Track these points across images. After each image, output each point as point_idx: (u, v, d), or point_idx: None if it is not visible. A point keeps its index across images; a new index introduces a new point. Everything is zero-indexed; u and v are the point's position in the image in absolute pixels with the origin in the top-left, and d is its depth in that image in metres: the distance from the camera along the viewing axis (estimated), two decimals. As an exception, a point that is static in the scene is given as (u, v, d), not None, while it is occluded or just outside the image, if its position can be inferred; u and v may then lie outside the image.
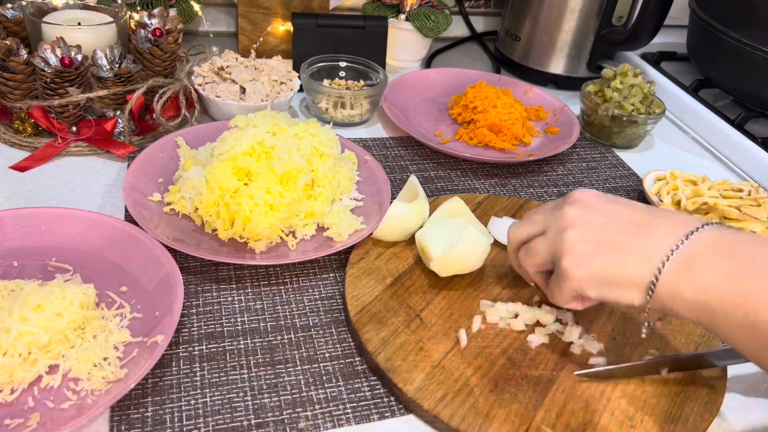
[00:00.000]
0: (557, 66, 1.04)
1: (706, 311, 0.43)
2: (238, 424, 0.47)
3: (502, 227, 0.66)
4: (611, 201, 0.49)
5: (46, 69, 0.68)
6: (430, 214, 0.65)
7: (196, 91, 0.79)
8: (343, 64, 0.91)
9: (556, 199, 0.53)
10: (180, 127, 0.76)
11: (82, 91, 0.71)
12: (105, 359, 0.48)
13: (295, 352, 0.53)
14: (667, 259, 0.44)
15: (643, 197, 0.81)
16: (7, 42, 0.69)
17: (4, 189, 0.66)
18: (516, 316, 0.57)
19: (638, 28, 0.94)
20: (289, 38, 0.95)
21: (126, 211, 0.65)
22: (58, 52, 0.69)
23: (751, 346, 0.42)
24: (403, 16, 1.01)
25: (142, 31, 0.77)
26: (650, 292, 0.45)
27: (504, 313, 0.57)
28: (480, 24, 1.22)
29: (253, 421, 0.47)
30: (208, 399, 0.49)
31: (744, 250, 0.44)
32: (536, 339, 0.55)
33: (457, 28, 1.20)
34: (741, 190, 0.75)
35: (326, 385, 0.51)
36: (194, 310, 0.56)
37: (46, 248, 0.58)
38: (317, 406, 0.49)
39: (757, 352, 0.43)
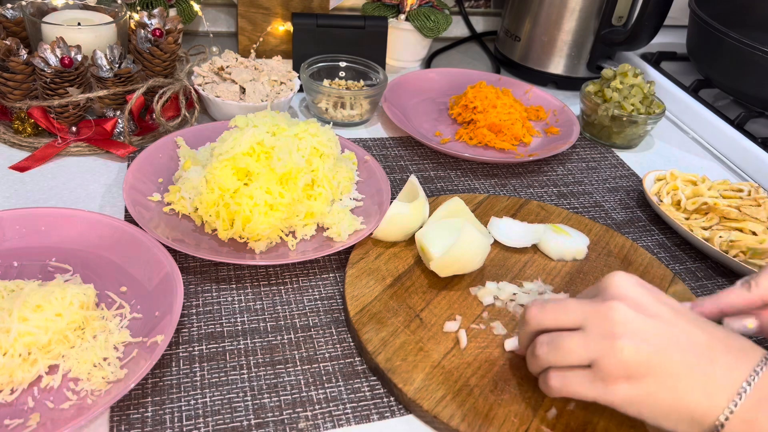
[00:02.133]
0: (557, 66, 1.04)
1: None
2: (238, 424, 0.47)
3: (502, 227, 0.66)
4: (660, 301, 0.44)
5: (46, 69, 0.68)
6: (430, 214, 0.65)
7: (196, 91, 0.79)
8: (343, 64, 0.91)
9: (590, 288, 0.47)
10: (180, 127, 0.76)
11: (82, 92, 0.71)
12: (105, 359, 0.48)
13: (295, 352, 0.53)
14: (736, 403, 0.40)
15: (643, 197, 0.81)
16: (7, 42, 0.69)
17: (4, 189, 0.66)
18: (514, 295, 0.59)
19: (638, 28, 0.94)
20: (289, 38, 0.96)
21: (126, 211, 0.65)
22: (58, 52, 0.69)
23: None
24: (403, 16, 1.01)
25: (142, 31, 0.77)
26: None
27: (495, 291, 0.59)
28: (480, 24, 1.23)
29: (253, 421, 0.47)
30: (208, 399, 0.49)
31: None
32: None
33: (457, 28, 1.20)
34: (741, 190, 0.75)
35: (326, 385, 0.51)
36: (194, 310, 0.56)
37: (45, 248, 0.58)
38: (317, 406, 0.49)
39: None
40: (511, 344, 0.53)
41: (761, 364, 0.41)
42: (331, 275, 0.62)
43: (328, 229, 0.63)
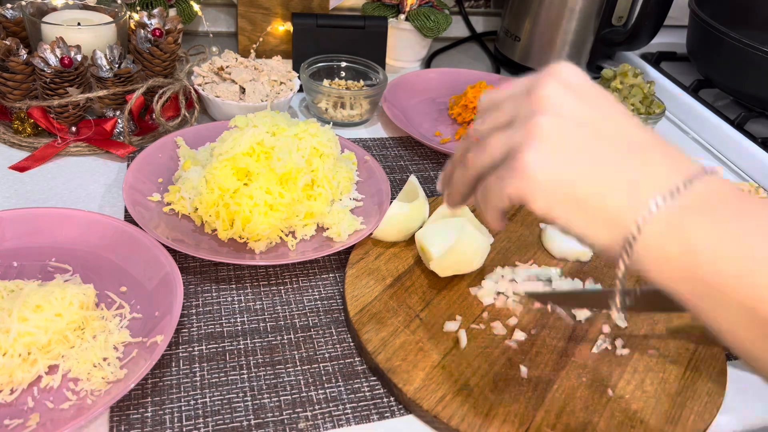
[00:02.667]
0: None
1: (691, 279, 0.33)
2: (238, 424, 0.47)
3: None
4: (603, 92, 0.37)
5: (45, 69, 0.68)
6: (430, 214, 0.64)
7: (196, 91, 0.79)
8: (342, 64, 0.91)
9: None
10: (180, 127, 0.76)
11: (82, 92, 0.71)
12: (105, 359, 0.48)
13: (295, 352, 0.53)
14: (656, 205, 0.33)
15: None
16: (7, 42, 0.69)
17: (4, 189, 0.66)
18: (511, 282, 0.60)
19: (638, 28, 0.94)
20: (289, 38, 0.95)
21: (126, 211, 0.65)
22: (58, 52, 0.69)
23: (743, 333, 0.33)
24: (402, 16, 1.01)
25: (142, 31, 0.77)
26: (631, 239, 0.34)
27: (493, 286, 0.59)
28: (480, 24, 1.22)
29: (252, 422, 0.47)
30: (207, 399, 0.48)
31: (757, 214, 0.33)
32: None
33: (457, 28, 1.20)
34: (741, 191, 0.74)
35: (326, 386, 0.51)
36: (194, 311, 0.56)
37: (45, 248, 0.58)
38: (317, 407, 0.49)
39: (750, 341, 0.33)
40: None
41: (700, 174, 0.34)
42: (331, 275, 0.62)
43: (328, 229, 0.63)
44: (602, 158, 0.34)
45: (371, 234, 0.63)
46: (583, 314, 0.57)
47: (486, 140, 0.38)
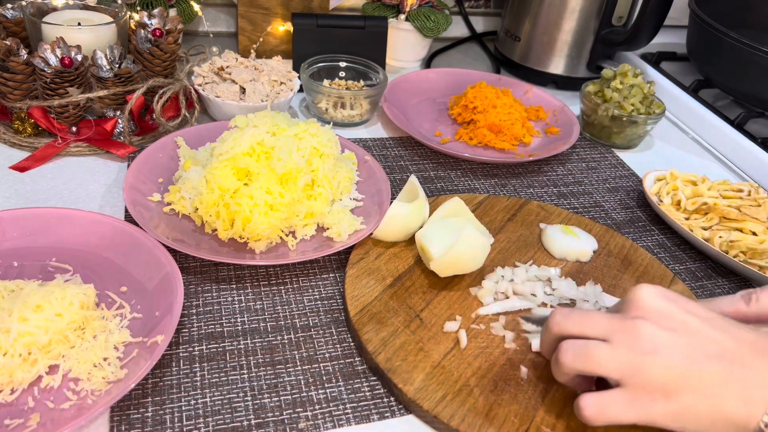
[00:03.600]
0: (557, 66, 1.04)
1: None
2: (238, 424, 0.47)
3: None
4: (685, 309, 0.44)
5: (46, 69, 0.68)
6: (430, 214, 0.65)
7: (196, 91, 0.79)
8: (343, 64, 0.91)
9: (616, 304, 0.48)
10: (180, 128, 0.76)
11: (82, 92, 0.71)
12: (105, 359, 0.48)
13: (295, 352, 0.53)
14: None
15: (643, 197, 0.81)
16: (7, 42, 0.69)
17: (4, 189, 0.66)
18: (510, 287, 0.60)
19: (638, 29, 0.94)
20: (289, 38, 0.96)
21: (126, 211, 0.65)
22: (58, 52, 0.69)
23: None
24: (403, 17, 1.01)
25: (142, 31, 0.77)
26: None
27: (493, 286, 0.60)
28: (480, 24, 1.23)
29: (253, 422, 0.47)
30: (208, 399, 0.49)
31: None
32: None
33: (457, 29, 1.20)
34: (741, 191, 0.75)
35: (326, 385, 0.51)
36: (194, 311, 0.56)
37: (46, 248, 0.58)
38: (317, 406, 0.49)
39: None
40: (536, 344, 0.53)
41: None
42: (331, 275, 0.62)
43: (328, 229, 0.63)
44: (710, 377, 0.41)
45: (371, 234, 0.63)
46: None
47: (589, 350, 0.44)
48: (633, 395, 0.42)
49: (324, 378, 0.51)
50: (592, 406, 0.44)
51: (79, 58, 0.70)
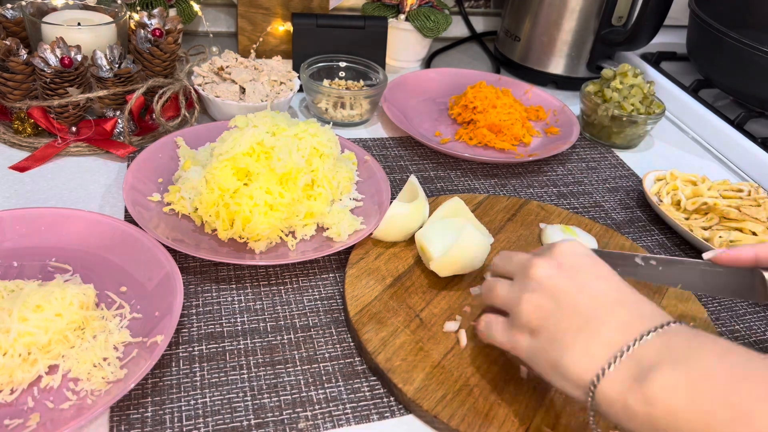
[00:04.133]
0: (557, 66, 1.04)
1: (656, 428, 0.37)
2: (238, 424, 0.47)
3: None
4: (586, 265, 0.45)
5: (45, 69, 0.68)
6: (430, 214, 0.65)
7: (196, 91, 0.79)
8: (342, 64, 0.91)
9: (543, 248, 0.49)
10: (180, 127, 0.76)
11: (82, 92, 0.71)
12: (105, 359, 0.48)
13: (295, 352, 0.53)
14: (609, 365, 0.39)
15: (643, 197, 0.81)
16: (7, 42, 0.69)
17: (4, 189, 0.66)
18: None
19: (638, 28, 0.94)
20: (289, 38, 0.95)
21: (126, 211, 0.65)
22: (58, 52, 0.69)
23: None
24: (402, 16, 1.01)
25: (142, 31, 0.77)
26: (590, 395, 0.39)
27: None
28: (480, 24, 1.23)
29: (252, 422, 0.47)
30: (207, 399, 0.49)
31: (703, 360, 0.37)
32: None
33: (457, 28, 1.20)
34: (741, 190, 0.75)
35: (326, 386, 0.51)
36: (194, 311, 0.56)
37: (45, 248, 0.58)
38: (317, 406, 0.49)
39: None
40: (474, 291, 0.59)
41: (654, 329, 0.39)
42: (331, 275, 0.62)
43: (328, 229, 0.63)
44: (567, 326, 0.42)
45: (371, 234, 0.63)
46: None
47: (494, 285, 0.48)
48: (511, 323, 0.46)
49: (324, 378, 0.51)
50: (482, 322, 0.49)
51: (79, 58, 0.70)
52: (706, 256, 0.52)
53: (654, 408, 0.37)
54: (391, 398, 0.51)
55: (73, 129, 0.73)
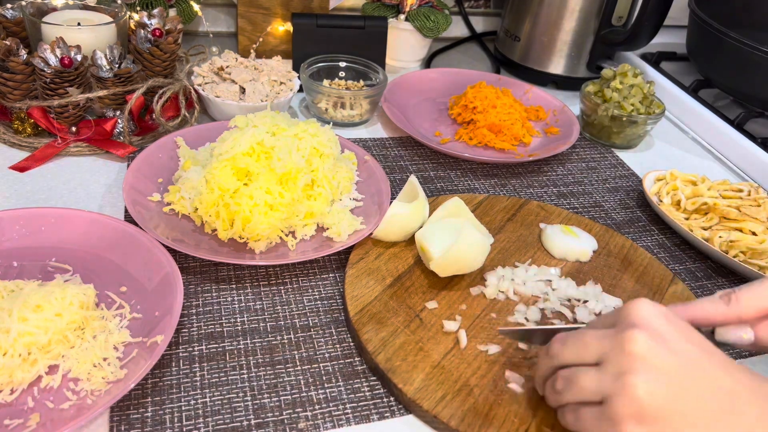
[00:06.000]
0: (557, 66, 1.04)
1: None
2: (238, 424, 0.47)
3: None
4: (685, 335, 0.40)
5: (45, 69, 0.68)
6: (430, 214, 0.65)
7: (196, 91, 0.79)
8: (342, 64, 0.91)
9: (611, 313, 0.44)
10: (180, 127, 0.76)
11: (82, 92, 0.71)
12: (105, 359, 0.48)
13: (295, 352, 0.53)
14: None
15: (642, 197, 0.81)
16: (7, 42, 0.69)
17: (4, 189, 0.66)
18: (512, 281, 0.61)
19: (638, 28, 0.94)
20: (289, 38, 0.95)
21: (126, 211, 0.65)
22: (58, 52, 0.69)
23: None
24: (402, 17, 1.01)
25: (142, 31, 0.77)
26: None
27: (497, 283, 0.60)
28: (480, 24, 1.23)
29: (253, 422, 0.47)
30: (207, 399, 0.49)
31: None
32: (532, 316, 0.58)
33: (457, 29, 1.20)
34: (741, 190, 0.75)
35: (326, 385, 0.51)
36: (194, 311, 0.56)
37: (45, 248, 0.58)
38: (317, 406, 0.49)
39: None
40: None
41: None
42: (331, 275, 0.62)
43: (328, 229, 0.63)
44: (695, 415, 0.37)
45: (371, 234, 0.63)
46: None
47: (577, 378, 0.42)
48: (610, 413, 0.39)
49: (324, 378, 0.51)
50: (571, 414, 0.43)
51: (79, 58, 0.70)
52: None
53: None
54: (391, 398, 0.51)
55: (73, 129, 0.73)
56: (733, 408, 0.37)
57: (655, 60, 1.11)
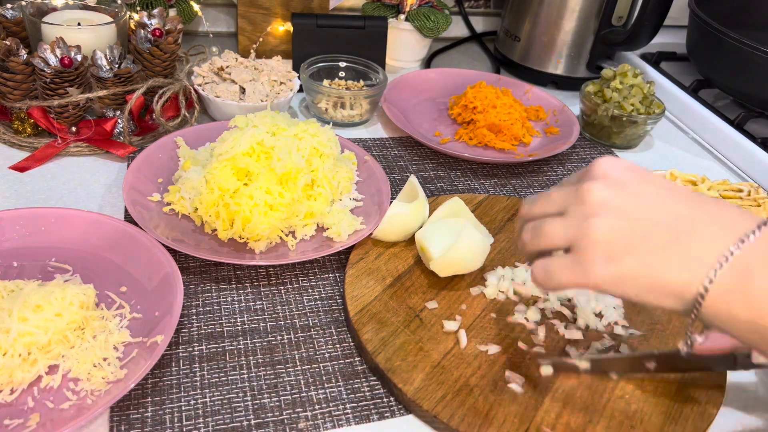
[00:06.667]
0: (557, 66, 1.04)
1: (761, 333, 0.37)
2: (238, 424, 0.47)
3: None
4: (644, 179, 0.42)
5: (45, 69, 0.68)
6: (430, 214, 0.65)
7: (196, 91, 0.79)
8: (342, 64, 0.91)
9: (578, 172, 0.45)
10: (180, 128, 0.76)
11: (82, 92, 0.71)
12: (105, 359, 0.48)
13: (295, 352, 0.53)
14: (715, 272, 0.37)
15: (642, 197, 0.81)
16: (7, 42, 0.69)
17: (4, 189, 0.66)
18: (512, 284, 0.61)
19: (638, 28, 0.94)
20: (289, 38, 0.95)
21: (126, 211, 0.65)
22: (58, 52, 0.69)
23: None
24: (402, 17, 1.01)
25: (142, 31, 0.77)
26: (696, 306, 0.38)
27: (497, 283, 0.60)
28: (480, 24, 1.22)
29: (252, 422, 0.47)
30: (207, 399, 0.49)
31: None
32: (532, 316, 0.58)
33: (457, 29, 1.20)
34: (741, 190, 0.75)
35: (326, 385, 0.51)
36: (194, 311, 0.56)
37: (45, 248, 0.58)
38: (317, 406, 0.49)
39: None
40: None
41: (750, 233, 0.38)
42: (331, 275, 0.62)
43: (328, 229, 0.63)
44: (655, 243, 0.39)
45: (371, 234, 0.63)
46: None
47: (542, 226, 0.43)
48: (577, 258, 0.40)
49: (324, 378, 0.51)
50: (540, 269, 0.43)
51: (79, 58, 0.70)
52: (683, 349, 0.48)
53: (761, 314, 0.36)
54: (391, 398, 0.51)
55: (73, 129, 0.73)
56: (692, 230, 0.39)
57: (655, 60, 1.11)
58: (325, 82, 0.90)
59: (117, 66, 0.73)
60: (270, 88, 0.82)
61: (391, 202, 0.65)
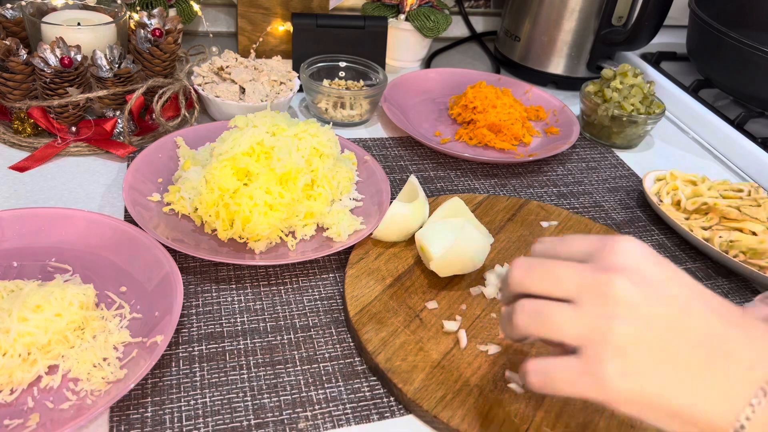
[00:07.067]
0: (557, 66, 1.04)
1: None
2: (238, 424, 0.47)
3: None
4: (675, 279, 0.36)
5: (45, 69, 0.68)
6: (430, 214, 0.64)
7: (196, 91, 0.79)
8: (342, 64, 0.91)
9: (583, 240, 0.39)
10: (180, 127, 0.76)
11: (82, 92, 0.71)
12: (104, 360, 0.48)
13: (295, 352, 0.53)
14: (753, 409, 0.32)
15: (643, 197, 0.81)
16: (7, 42, 0.69)
17: (4, 189, 0.66)
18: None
19: (638, 28, 0.94)
20: (289, 38, 0.95)
21: (125, 211, 0.65)
22: (58, 52, 0.69)
23: None
24: (402, 17, 1.01)
25: (142, 31, 0.77)
26: None
27: (497, 282, 0.60)
28: (480, 24, 1.23)
29: (252, 422, 0.47)
30: (207, 399, 0.48)
31: None
32: None
33: (457, 28, 1.20)
34: (741, 191, 0.75)
35: (326, 386, 0.51)
36: (194, 311, 0.56)
37: (45, 248, 0.58)
38: (317, 407, 0.49)
39: None
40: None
41: None
42: (331, 275, 0.62)
43: (327, 229, 0.63)
44: (686, 364, 0.34)
45: (371, 234, 0.63)
46: None
47: (547, 313, 0.36)
48: (588, 364, 0.34)
49: (324, 378, 0.51)
50: (539, 373, 0.37)
51: (79, 58, 0.70)
52: None
53: None
54: (391, 398, 0.51)
55: (73, 129, 0.73)
56: (726, 353, 0.34)
57: (655, 60, 1.11)
58: (325, 82, 0.90)
59: (117, 66, 0.73)
60: (270, 88, 0.82)
61: (391, 202, 0.65)
